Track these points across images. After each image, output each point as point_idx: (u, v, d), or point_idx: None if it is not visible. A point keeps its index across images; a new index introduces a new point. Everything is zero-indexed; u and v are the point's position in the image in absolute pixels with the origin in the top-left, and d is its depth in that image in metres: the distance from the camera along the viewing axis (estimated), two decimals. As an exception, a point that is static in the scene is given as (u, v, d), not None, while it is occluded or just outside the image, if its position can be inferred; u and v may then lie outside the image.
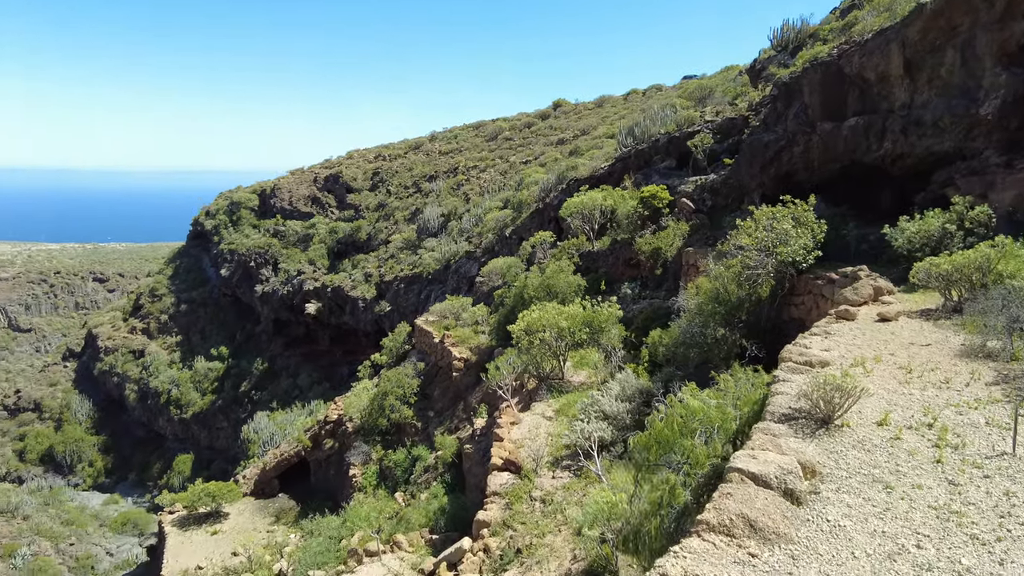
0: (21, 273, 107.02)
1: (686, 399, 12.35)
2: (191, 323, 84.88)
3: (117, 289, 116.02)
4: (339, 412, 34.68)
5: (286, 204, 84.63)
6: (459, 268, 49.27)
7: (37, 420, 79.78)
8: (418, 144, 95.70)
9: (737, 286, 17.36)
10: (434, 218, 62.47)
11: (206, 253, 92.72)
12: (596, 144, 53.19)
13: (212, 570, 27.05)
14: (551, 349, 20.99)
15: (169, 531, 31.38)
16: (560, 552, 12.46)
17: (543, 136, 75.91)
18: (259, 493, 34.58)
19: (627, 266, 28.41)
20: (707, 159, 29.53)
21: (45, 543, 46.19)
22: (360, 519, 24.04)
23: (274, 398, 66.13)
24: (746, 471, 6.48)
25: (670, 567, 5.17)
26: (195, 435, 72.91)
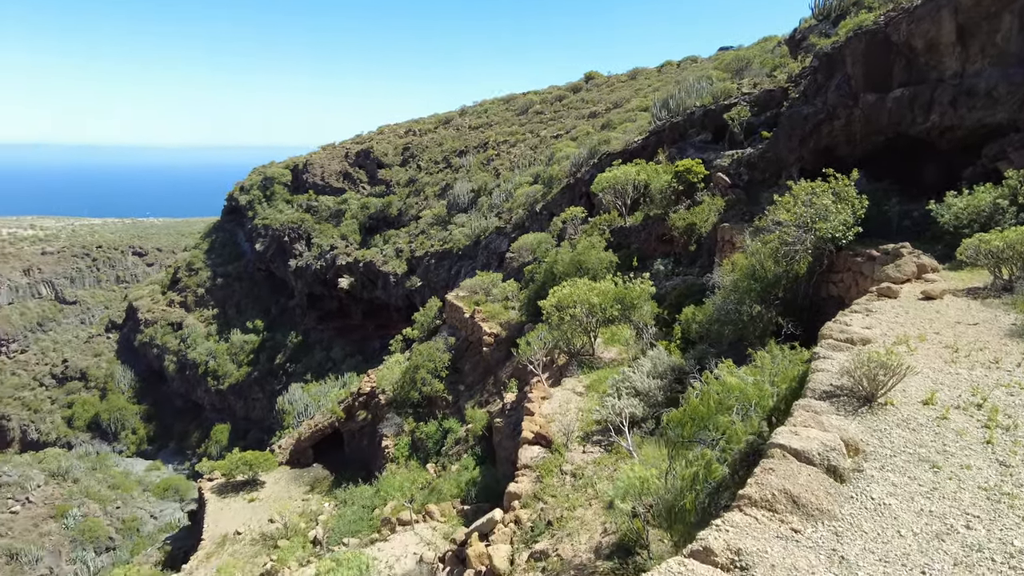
0: (66, 247, 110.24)
1: (723, 375, 12.24)
2: (227, 297, 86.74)
3: (156, 263, 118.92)
4: (372, 384, 35.24)
5: (318, 179, 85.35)
6: (489, 244, 49.27)
7: (83, 389, 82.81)
8: (448, 119, 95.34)
9: (774, 263, 17.01)
10: (464, 193, 62.40)
11: (241, 228, 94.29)
12: (629, 117, 52.31)
13: (250, 536, 27.95)
14: (582, 325, 20.92)
15: (209, 497, 32.45)
16: (591, 525, 12.52)
17: (575, 109, 74.94)
18: (294, 462, 35.49)
19: (660, 242, 28.05)
20: (744, 132, 28.83)
21: (94, 505, 48.26)
22: (393, 489, 24.50)
23: (308, 370, 67.50)
24: (788, 447, 6.38)
25: (712, 540, 5.14)
26: (232, 406, 74.98)
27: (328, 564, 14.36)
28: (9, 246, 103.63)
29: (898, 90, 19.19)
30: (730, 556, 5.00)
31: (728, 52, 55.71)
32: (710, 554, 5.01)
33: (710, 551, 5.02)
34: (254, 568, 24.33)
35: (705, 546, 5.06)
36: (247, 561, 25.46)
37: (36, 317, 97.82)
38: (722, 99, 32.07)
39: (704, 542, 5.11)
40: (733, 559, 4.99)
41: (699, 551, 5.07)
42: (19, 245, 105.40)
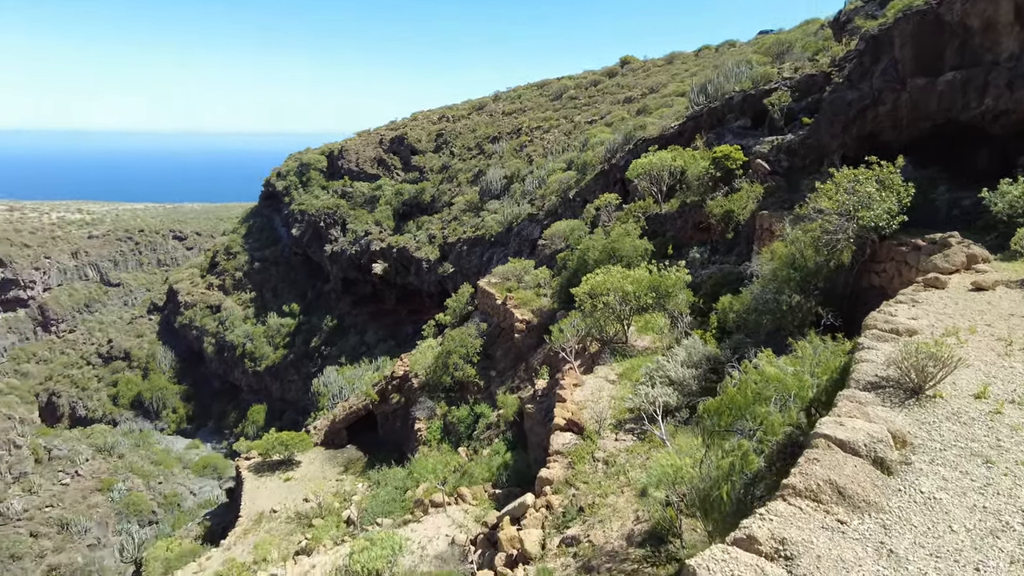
0: (110, 231, 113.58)
1: (761, 365, 12.03)
2: (264, 280, 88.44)
3: (195, 247, 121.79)
4: (405, 368, 35.62)
5: (353, 166, 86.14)
6: (521, 231, 49.17)
7: (127, 368, 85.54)
8: (481, 104, 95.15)
9: (815, 251, 16.61)
10: (497, 180, 62.31)
11: (277, 213, 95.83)
12: (665, 103, 51.50)
13: (286, 514, 28.61)
14: (615, 313, 20.76)
15: (246, 476, 33.28)
16: (623, 513, 12.48)
17: (610, 94, 74.07)
18: (329, 443, 36.14)
19: (696, 230, 27.63)
20: (784, 118, 28.13)
21: (137, 480, 49.98)
22: (426, 471, 24.79)
23: (343, 353, 68.58)
24: (833, 437, 6.23)
25: (756, 528, 5.06)
26: (268, 387, 76.66)
27: (362, 543, 14.59)
28: (58, 229, 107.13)
29: (949, 73, 18.47)
30: (774, 545, 4.92)
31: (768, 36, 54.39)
32: (754, 542, 4.93)
33: (754, 539, 4.94)
34: (289, 545, 24.91)
35: (749, 534, 4.98)
36: (283, 538, 26.09)
37: (83, 298, 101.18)
38: (762, 84, 31.33)
39: (748, 530, 5.03)
40: (777, 548, 4.91)
41: (743, 539, 4.99)
42: (67, 229, 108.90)
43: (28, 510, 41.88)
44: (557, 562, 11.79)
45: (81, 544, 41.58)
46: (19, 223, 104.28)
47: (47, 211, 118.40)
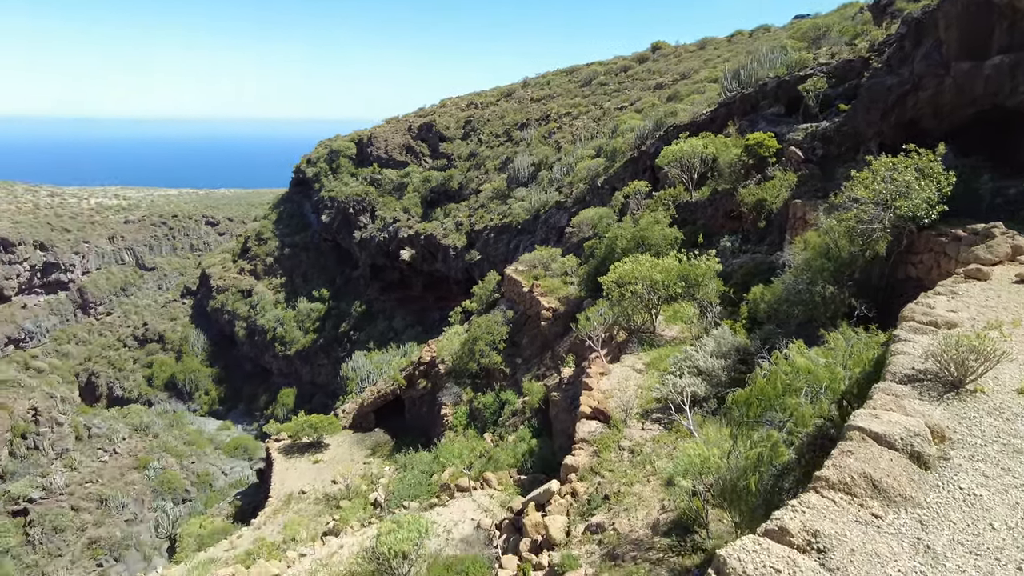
0: (145, 216, 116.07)
1: (792, 356, 11.83)
2: (294, 266, 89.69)
3: (227, 232, 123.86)
4: (432, 354, 35.88)
5: (382, 153, 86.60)
6: (549, 218, 48.99)
7: (161, 350, 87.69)
8: (510, 91, 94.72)
9: (849, 241, 16.22)
10: (524, 167, 62.08)
11: (308, 200, 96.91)
12: (697, 89, 50.65)
13: (314, 495, 29.14)
14: (643, 302, 20.59)
15: (276, 457, 33.96)
16: (648, 502, 12.44)
17: (640, 80, 73.12)
18: (357, 427, 36.67)
19: (727, 218, 27.19)
20: (819, 105, 27.47)
21: (171, 459, 51.33)
22: (452, 456, 25.01)
23: (371, 339, 69.37)
24: (868, 430, 6.10)
25: (788, 520, 4.98)
26: (298, 371, 77.96)
27: (389, 525, 14.78)
28: (96, 215, 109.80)
29: (997, 57, 17.78)
30: (807, 537, 4.84)
31: (804, 20, 53.02)
32: (786, 534, 4.86)
33: (786, 531, 4.87)
34: (317, 526, 25.40)
35: (780, 526, 4.91)
36: (311, 519, 26.60)
37: (119, 282, 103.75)
38: (797, 70, 30.60)
39: (779, 522, 4.96)
40: (810, 540, 4.82)
41: (774, 530, 4.92)
42: (105, 214, 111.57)
43: (70, 485, 43.34)
44: (582, 549, 11.81)
45: (119, 519, 42.93)
46: (59, 208, 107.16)
47: (86, 196, 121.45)
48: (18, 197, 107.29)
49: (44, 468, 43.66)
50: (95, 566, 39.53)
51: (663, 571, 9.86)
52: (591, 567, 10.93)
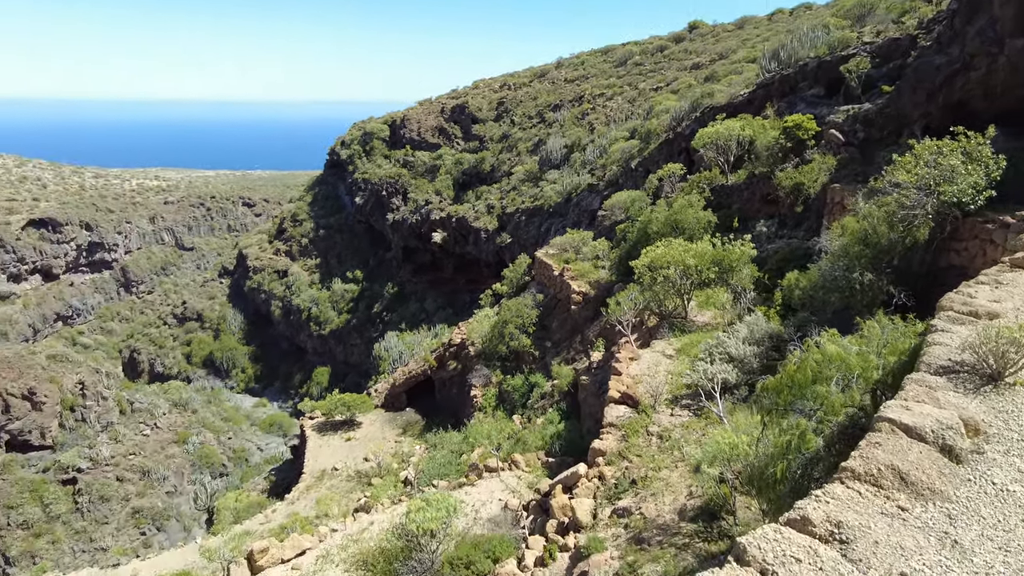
0: (184, 197, 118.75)
1: (823, 344, 11.65)
2: (329, 247, 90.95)
3: (263, 214, 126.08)
4: (462, 336, 36.19)
5: (414, 135, 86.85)
6: (580, 201, 48.68)
7: (200, 329, 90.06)
8: (543, 72, 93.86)
9: (889, 227, 15.78)
10: (557, 149, 61.65)
11: (342, 181, 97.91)
12: (735, 69, 49.48)
13: (346, 472, 29.81)
14: (675, 287, 20.41)
15: (310, 434, 34.77)
16: (676, 487, 12.45)
17: (676, 61, 71.75)
18: (388, 406, 37.30)
19: (764, 202, 26.68)
20: (862, 86, 26.62)
21: (209, 434, 52.95)
22: (481, 436, 25.31)
23: (403, 320, 70.21)
24: (898, 422, 6.00)
25: (811, 510, 4.96)
26: (332, 350, 79.38)
27: (418, 503, 15.07)
28: (137, 196, 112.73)
29: (1054, 35, 17.00)
30: (829, 528, 4.82)
31: (849, -3, 51.19)
32: (808, 524, 4.84)
33: (808, 521, 4.85)
34: (349, 502, 26.01)
35: (803, 515, 4.89)
36: (343, 495, 27.25)
37: (160, 262, 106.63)
38: (839, 49, 29.68)
39: (802, 511, 4.94)
40: (832, 531, 4.80)
41: (796, 520, 4.91)
42: (145, 195, 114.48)
43: (114, 457, 45.10)
44: (608, 532, 11.90)
45: (160, 491, 44.58)
46: (104, 189, 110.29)
47: (128, 178, 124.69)
48: (65, 178, 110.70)
49: (91, 440, 45.48)
50: (139, 534, 41.20)
51: (689, 556, 9.89)
52: (617, 550, 11.02)
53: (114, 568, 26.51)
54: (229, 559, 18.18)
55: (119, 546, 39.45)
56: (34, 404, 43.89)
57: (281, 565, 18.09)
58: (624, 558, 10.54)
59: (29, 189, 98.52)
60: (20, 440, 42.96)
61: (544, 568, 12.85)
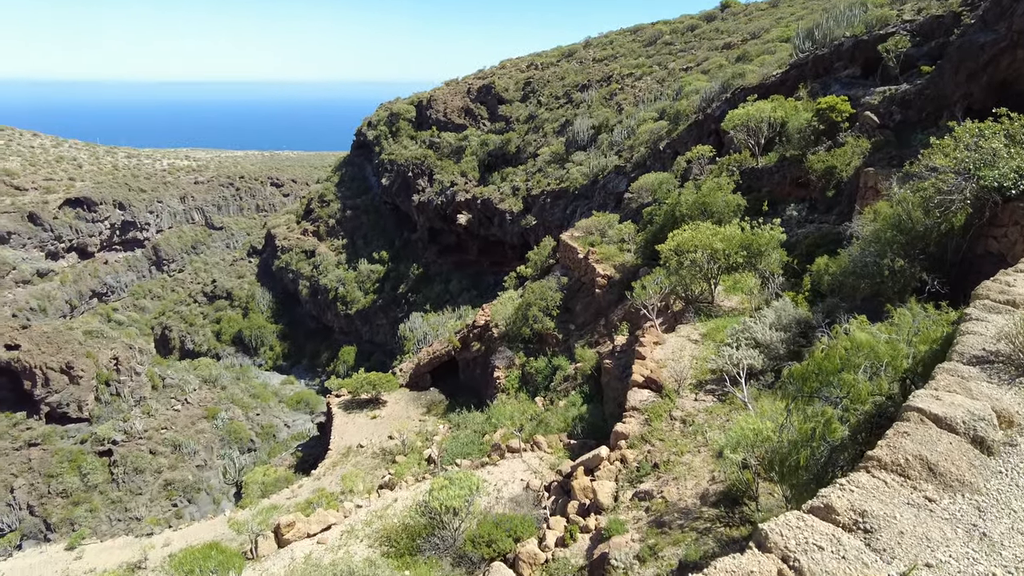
0: (214, 177, 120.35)
1: (852, 331, 11.46)
2: (355, 228, 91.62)
3: (291, 194, 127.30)
4: (486, 318, 36.32)
5: (440, 116, 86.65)
6: (607, 183, 48.25)
7: (229, 307, 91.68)
8: (571, 51, 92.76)
9: (924, 213, 15.37)
10: (584, 130, 61.04)
11: (368, 162, 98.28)
12: (767, 49, 48.35)
13: (371, 449, 30.29)
14: (702, 271, 20.20)
15: (336, 412, 35.34)
16: (698, 472, 12.43)
17: (707, 40, 70.34)
18: (413, 385, 37.70)
19: (794, 186, 26.18)
20: (900, 66, 25.85)
21: (238, 410, 54.12)
22: (503, 417, 25.47)
23: (427, 301, 70.67)
24: (928, 412, 5.89)
25: (835, 498, 4.91)
26: (358, 329, 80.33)
27: (442, 481, 15.29)
28: (168, 175, 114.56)
29: (1106, 12, 16.31)
30: (853, 516, 4.77)
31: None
32: (831, 512, 4.80)
33: (831, 509, 4.81)
34: (374, 479, 26.46)
35: (827, 503, 4.85)
36: (368, 472, 27.72)
37: (190, 240, 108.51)
38: (877, 28, 28.80)
39: (826, 499, 4.90)
40: (856, 520, 4.75)
41: (819, 508, 4.87)
42: (176, 175, 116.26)
43: (147, 430, 46.39)
44: (629, 515, 11.94)
45: (191, 464, 45.80)
46: (136, 169, 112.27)
47: (159, 158, 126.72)
48: (99, 158, 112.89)
49: (125, 413, 46.81)
50: (170, 505, 42.46)
51: (710, 541, 9.90)
52: (638, 533, 11.06)
53: (148, 537, 27.41)
54: (257, 532, 18.66)
55: (152, 516, 40.72)
56: (72, 378, 45.26)
57: (307, 539, 18.53)
58: (645, 541, 10.59)
59: (65, 169, 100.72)
60: (59, 412, 44.39)
61: (565, 548, 12.97)
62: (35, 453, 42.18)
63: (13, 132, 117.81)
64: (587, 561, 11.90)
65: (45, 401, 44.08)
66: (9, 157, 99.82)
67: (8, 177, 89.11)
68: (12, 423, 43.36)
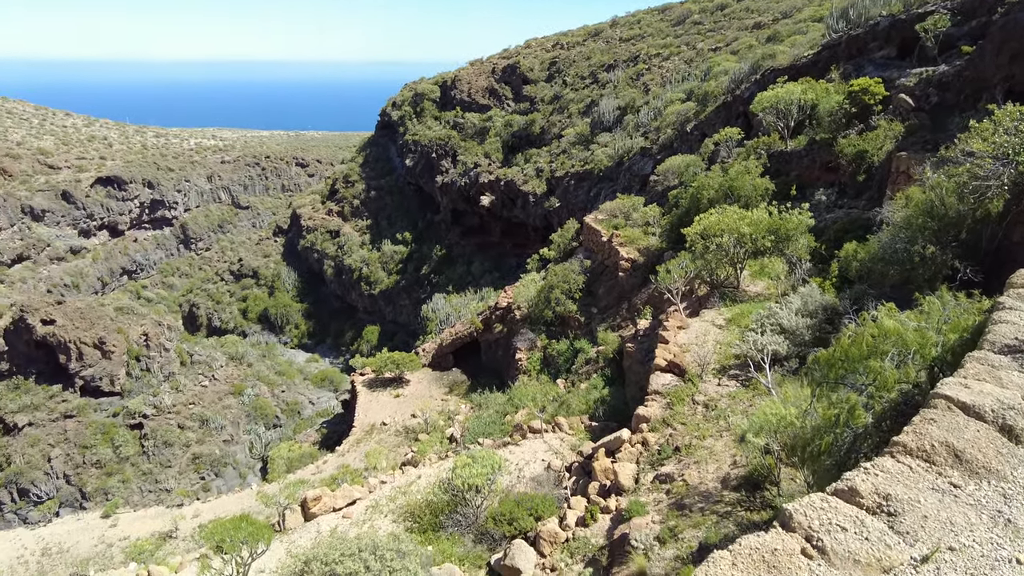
0: (240, 156, 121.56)
1: (880, 318, 11.36)
2: (379, 208, 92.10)
3: (316, 174, 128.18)
4: (508, 300, 36.46)
5: (465, 96, 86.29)
6: (632, 165, 47.83)
7: (255, 285, 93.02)
8: (598, 31, 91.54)
9: (958, 199, 15.04)
10: (610, 111, 60.39)
11: (392, 143, 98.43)
12: (799, 29, 47.27)
13: (394, 427, 30.76)
14: (728, 256, 20.05)
15: (360, 390, 35.89)
16: (720, 456, 12.47)
17: (737, 20, 68.92)
18: (435, 365, 38.09)
19: (824, 170, 25.73)
20: (938, 47, 25.11)
21: (264, 387, 55.15)
22: (525, 398, 25.69)
23: (450, 282, 71.01)
24: (955, 399, 5.87)
25: (859, 481, 4.95)
26: (381, 309, 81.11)
27: (464, 459, 15.53)
28: (196, 155, 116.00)
29: None
30: (877, 500, 4.80)
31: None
32: (855, 495, 4.84)
33: (856, 492, 4.85)
34: (397, 456, 26.92)
35: (851, 486, 4.89)
36: (391, 449, 28.19)
37: (217, 219, 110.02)
38: (915, 6, 27.99)
39: (850, 482, 4.94)
40: (880, 503, 4.79)
41: (844, 491, 4.91)
42: (203, 154, 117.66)
43: (176, 405, 47.54)
44: (650, 497, 12.05)
45: (218, 439, 46.87)
46: (164, 148, 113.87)
47: (187, 137, 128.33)
48: (129, 137, 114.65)
49: (154, 388, 47.99)
50: (198, 478, 43.59)
51: (731, 524, 9.97)
52: (658, 515, 11.18)
53: (179, 508, 28.26)
54: (284, 505, 19.15)
55: (181, 488, 41.88)
56: (104, 353, 46.46)
57: (333, 513, 18.97)
58: (665, 522, 10.70)
59: (97, 148, 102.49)
60: (92, 386, 45.66)
61: (585, 528, 13.15)
62: (71, 425, 43.55)
63: (47, 112, 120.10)
64: (607, 541, 12.06)
65: (79, 375, 45.36)
66: (43, 136, 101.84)
67: (43, 156, 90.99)
68: (49, 395, 44.75)
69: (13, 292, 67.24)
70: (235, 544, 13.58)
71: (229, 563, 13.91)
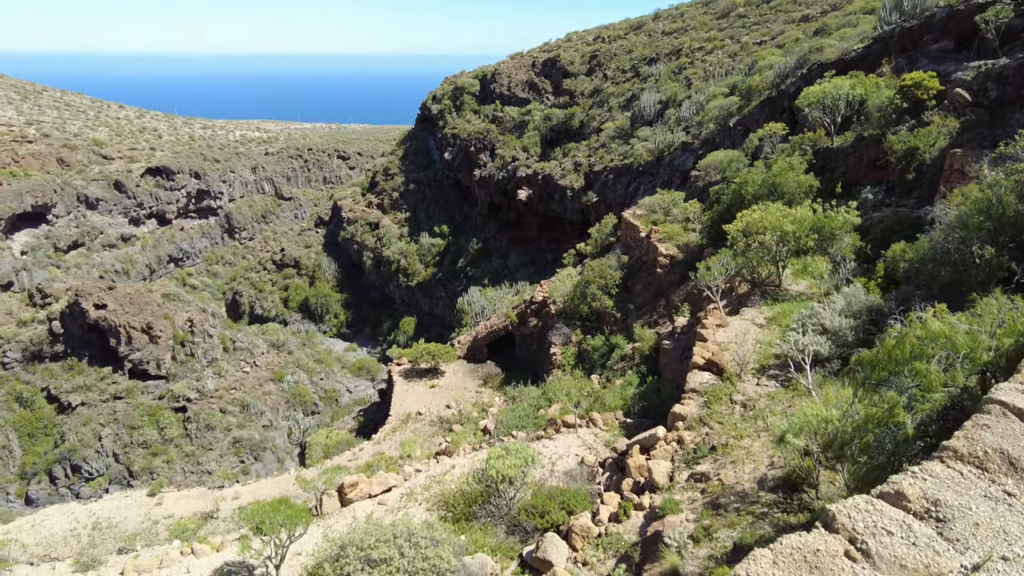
0: (283, 149, 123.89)
1: (927, 319, 11.01)
2: (418, 201, 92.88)
3: (357, 167, 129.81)
4: (544, 294, 36.43)
5: (504, 89, 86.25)
6: (673, 160, 47.20)
7: (296, 275, 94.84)
8: (640, 24, 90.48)
9: (1017, 198, 14.46)
10: (650, 105, 59.64)
11: (432, 136, 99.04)
12: (849, 22, 45.89)
13: (429, 417, 31.09)
14: (770, 254, 19.67)
15: (396, 380, 36.35)
16: (757, 456, 12.29)
17: (784, 12, 67.31)
18: (470, 357, 38.35)
19: (871, 167, 24.97)
20: (1000, 38, 24.07)
21: (303, 375, 56.28)
22: (559, 393, 25.67)
23: (486, 275, 71.29)
24: (1011, 405, 5.66)
25: (907, 486, 4.82)
26: (418, 301, 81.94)
27: (498, 451, 15.61)
28: (241, 146, 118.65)
29: None
30: (925, 504, 4.67)
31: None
32: (902, 498, 4.71)
33: (902, 495, 4.72)
34: (431, 446, 27.20)
35: (897, 490, 4.76)
36: (426, 439, 28.51)
37: (260, 210, 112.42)
38: (975, -3, 26.87)
39: (897, 486, 4.81)
40: (929, 508, 4.65)
41: (890, 494, 4.78)
42: (248, 146, 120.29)
43: (218, 390, 48.89)
44: (684, 495, 11.95)
45: (258, 424, 48.06)
46: (210, 140, 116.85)
47: (232, 129, 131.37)
48: (177, 129, 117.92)
49: (198, 373, 49.42)
50: (238, 461, 44.78)
51: (767, 525, 9.82)
52: (693, 513, 11.07)
53: (220, 490, 29.11)
54: (322, 490, 19.54)
55: (222, 470, 43.10)
56: (151, 337, 48.04)
57: (369, 499, 19.29)
58: (699, 521, 10.59)
59: (147, 139, 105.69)
60: (140, 369, 47.29)
61: (618, 524, 13.09)
62: (119, 406, 45.20)
63: (102, 104, 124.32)
64: (640, 538, 11.99)
65: (128, 358, 47.00)
66: (98, 128, 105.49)
67: (97, 147, 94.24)
68: (100, 377, 46.52)
69: (69, 277, 69.97)
70: (274, 526, 13.94)
71: (268, 544, 14.27)
